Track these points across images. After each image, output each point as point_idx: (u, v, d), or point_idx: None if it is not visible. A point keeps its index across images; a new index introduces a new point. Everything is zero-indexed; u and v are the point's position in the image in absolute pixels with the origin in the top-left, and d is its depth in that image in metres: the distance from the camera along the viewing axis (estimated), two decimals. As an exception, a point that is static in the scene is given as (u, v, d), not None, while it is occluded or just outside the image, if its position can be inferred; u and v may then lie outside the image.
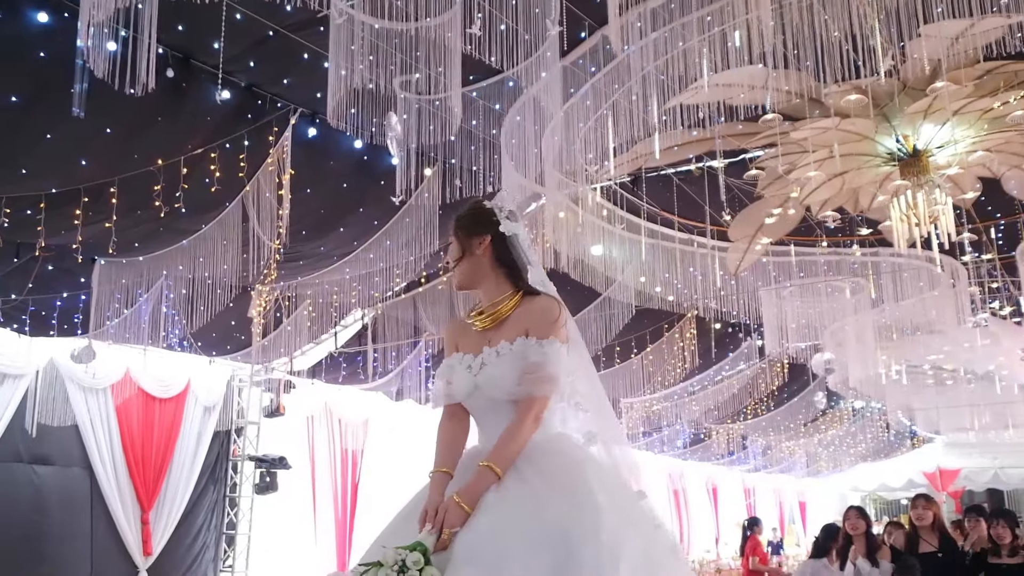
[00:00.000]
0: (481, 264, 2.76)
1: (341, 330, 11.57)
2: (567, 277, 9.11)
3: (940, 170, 8.05)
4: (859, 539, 6.73)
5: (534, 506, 2.38)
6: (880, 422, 22.27)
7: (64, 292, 9.06)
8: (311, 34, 6.45)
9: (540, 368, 2.58)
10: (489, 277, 2.77)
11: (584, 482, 2.45)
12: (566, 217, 8.59)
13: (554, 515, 2.34)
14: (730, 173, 8.66)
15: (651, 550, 2.43)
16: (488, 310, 2.76)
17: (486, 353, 2.68)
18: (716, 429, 19.42)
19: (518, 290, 2.76)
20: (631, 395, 14.16)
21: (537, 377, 2.57)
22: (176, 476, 11.88)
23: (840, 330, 12.80)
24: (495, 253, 2.76)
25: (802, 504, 29.32)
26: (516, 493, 2.43)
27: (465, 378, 2.71)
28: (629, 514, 2.49)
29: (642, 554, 2.37)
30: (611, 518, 2.35)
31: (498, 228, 2.75)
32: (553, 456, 2.57)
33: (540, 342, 2.61)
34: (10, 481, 10.24)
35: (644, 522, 2.54)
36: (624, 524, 2.39)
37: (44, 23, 5.86)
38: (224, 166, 7.31)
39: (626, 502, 2.56)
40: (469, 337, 2.78)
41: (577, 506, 2.36)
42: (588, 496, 2.39)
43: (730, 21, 5.84)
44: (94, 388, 10.92)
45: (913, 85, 7.20)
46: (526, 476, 2.48)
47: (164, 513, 11.73)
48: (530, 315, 2.68)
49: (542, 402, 2.60)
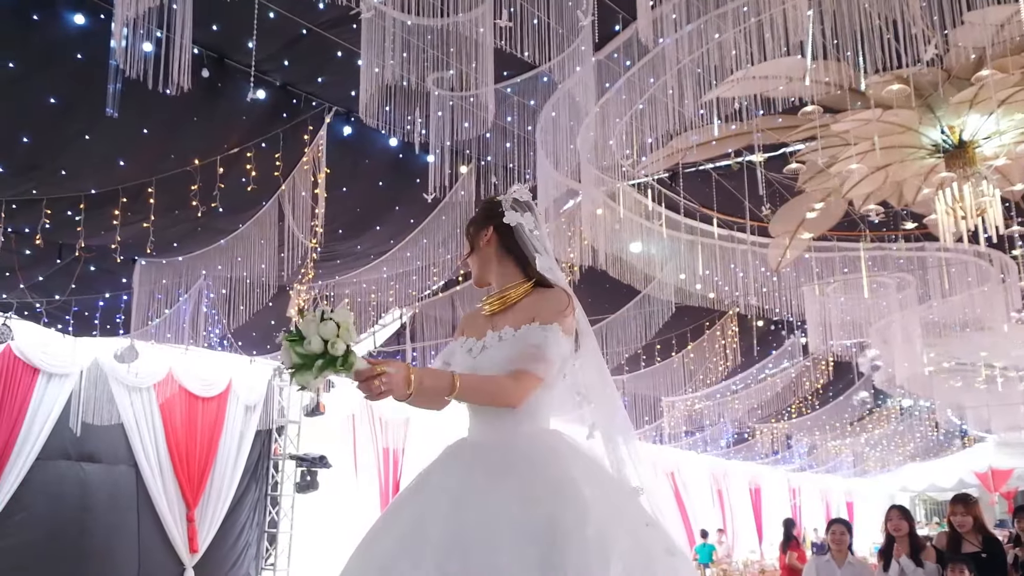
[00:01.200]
0: (488, 256, 2.80)
1: (380, 329, 11.59)
2: (605, 275, 9.04)
3: (987, 161, 7.83)
4: (902, 540, 6.56)
5: (520, 499, 2.34)
6: (929, 421, 21.83)
7: (106, 292, 9.17)
8: (344, 32, 6.44)
9: (537, 349, 2.56)
10: (497, 267, 2.79)
11: (571, 477, 2.41)
12: (604, 214, 8.50)
13: (541, 509, 2.30)
14: (770, 167, 8.50)
15: (643, 547, 2.37)
16: (496, 294, 2.79)
17: (489, 336, 2.68)
18: (760, 428, 19.18)
19: (528, 279, 2.76)
20: (672, 394, 14.03)
21: (532, 355, 2.56)
22: (220, 474, 12.01)
23: (886, 327, 12.55)
24: (500, 243, 2.78)
25: (849, 504, 28.91)
26: (503, 486, 2.39)
27: (464, 360, 2.71)
28: (620, 509, 2.44)
29: (633, 550, 2.32)
30: (599, 512, 2.31)
31: (501, 219, 2.76)
32: (542, 450, 2.54)
33: (542, 326, 2.59)
34: (58, 478, 10.42)
35: (636, 519, 2.48)
36: (613, 519, 2.34)
37: (81, 25, 5.93)
38: (260, 165, 7.34)
39: (618, 498, 2.51)
40: (476, 323, 2.80)
41: (563, 499, 2.32)
42: (574, 490, 2.36)
43: (767, 12, 5.71)
44: (138, 387, 11.08)
45: (958, 74, 6.99)
46: (518, 469, 2.45)
47: (209, 511, 11.85)
48: (539, 304, 2.67)
49: (530, 378, 2.56)
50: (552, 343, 2.57)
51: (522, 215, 2.76)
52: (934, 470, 28.30)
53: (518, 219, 2.75)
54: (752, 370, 15.04)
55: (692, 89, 6.66)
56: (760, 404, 16.40)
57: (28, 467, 10.05)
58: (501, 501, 2.34)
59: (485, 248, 2.79)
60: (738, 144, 8.26)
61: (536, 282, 2.74)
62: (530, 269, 2.75)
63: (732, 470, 23.00)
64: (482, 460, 2.53)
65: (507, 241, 2.76)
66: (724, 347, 13.05)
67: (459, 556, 2.25)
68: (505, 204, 2.77)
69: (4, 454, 9.86)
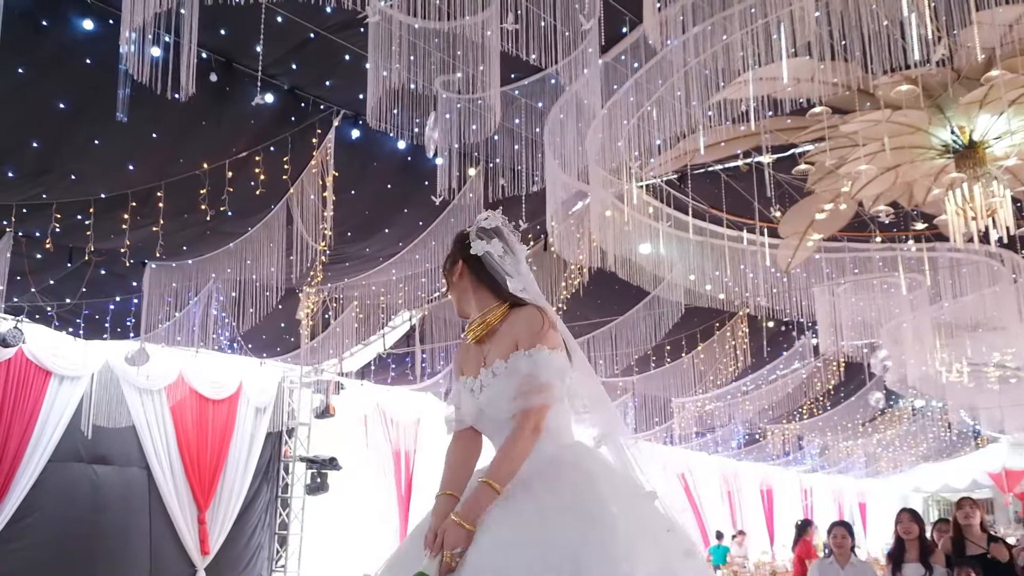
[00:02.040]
0: (464, 288, 2.85)
1: (389, 331, 11.61)
2: (615, 276, 9.03)
3: (997, 161, 7.79)
4: (912, 543, 6.53)
5: (540, 521, 2.35)
6: (942, 421, 21.72)
7: (116, 296, 9.22)
8: (352, 35, 6.46)
9: (532, 379, 2.57)
10: (473, 296, 2.83)
11: (597, 495, 2.41)
12: (612, 215, 8.49)
13: (562, 530, 2.30)
14: (779, 168, 8.47)
15: (667, 557, 2.38)
16: (476, 321, 2.81)
17: (483, 375, 2.70)
18: (771, 429, 19.12)
19: (503, 301, 2.78)
20: (682, 395, 14.00)
21: (529, 388, 2.57)
22: (231, 476, 12.06)
23: (897, 328, 12.50)
24: (472, 274, 2.82)
25: (862, 505, 28.79)
26: (522, 508, 2.41)
27: (470, 402, 2.74)
28: (643, 521, 2.44)
29: (658, 562, 2.32)
30: (625, 529, 2.31)
31: (469, 251, 2.81)
32: (565, 469, 2.54)
33: (528, 352, 2.61)
34: (70, 481, 10.47)
35: (658, 527, 2.49)
36: (638, 534, 2.34)
37: (89, 30, 5.96)
38: (268, 169, 7.37)
39: (640, 508, 2.50)
40: (470, 358, 2.82)
41: (588, 520, 2.32)
42: (600, 509, 2.36)
43: (773, 13, 5.70)
44: (149, 390, 11.13)
45: (967, 74, 6.96)
46: (535, 491, 2.45)
47: (220, 513, 11.89)
48: (515, 326, 2.70)
49: (538, 411, 2.57)
50: (543, 366, 2.58)
51: (488, 242, 2.79)
52: (947, 471, 28.15)
53: (484, 247, 2.79)
54: (763, 371, 14.99)
55: (700, 91, 6.65)
56: (771, 405, 16.35)
57: (40, 469, 10.11)
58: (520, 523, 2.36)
59: (459, 282, 2.85)
60: (747, 145, 8.24)
61: (511, 303, 2.77)
62: (504, 292, 2.78)
63: (743, 471, 22.94)
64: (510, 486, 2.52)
65: (477, 271, 2.81)
66: (734, 348, 13.01)
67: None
68: (472, 236, 2.82)
69: (17, 456, 9.92)
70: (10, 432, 9.90)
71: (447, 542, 2.37)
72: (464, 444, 2.77)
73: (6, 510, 9.80)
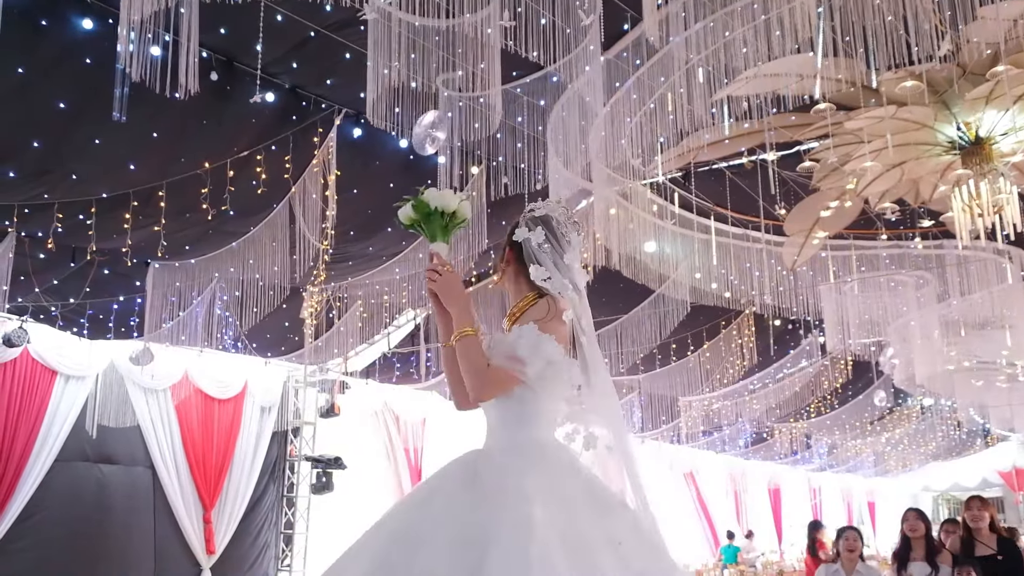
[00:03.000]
0: (510, 274, 2.93)
1: (394, 330, 11.59)
2: (619, 274, 8.99)
3: (1004, 158, 7.73)
4: (918, 542, 6.45)
5: (470, 506, 2.42)
6: (951, 420, 21.59)
7: (120, 295, 9.22)
8: (352, 34, 6.43)
9: (509, 347, 2.67)
10: (514, 282, 2.92)
11: (522, 491, 2.40)
12: (617, 214, 8.46)
13: (482, 518, 2.35)
14: (783, 165, 8.43)
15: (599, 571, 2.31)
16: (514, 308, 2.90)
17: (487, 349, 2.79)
18: (779, 428, 19.05)
19: (535, 291, 2.83)
20: (689, 393, 13.96)
21: (504, 352, 2.67)
22: (237, 475, 12.05)
23: (905, 326, 12.42)
24: (516, 261, 2.89)
25: (871, 504, 28.65)
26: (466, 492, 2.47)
27: None
28: (581, 532, 2.36)
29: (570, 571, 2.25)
30: (542, 532, 2.27)
31: (512, 237, 2.88)
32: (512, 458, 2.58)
33: (518, 327, 2.71)
34: (76, 480, 10.48)
35: (598, 540, 2.38)
36: (568, 544, 2.29)
37: (89, 30, 5.95)
38: (270, 168, 7.36)
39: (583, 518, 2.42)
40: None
41: (503, 514, 2.36)
42: (521, 506, 2.35)
43: (775, 9, 5.65)
44: (154, 389, 11.12)
45: (973, 70, 6.90)
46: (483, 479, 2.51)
47: (226, 512, 11.89)
48: (531, 311, 2.78)
49: (499, 371, 2.64)
50: (525, 343, 2.63)
51: (532, 230, 2.83)
52: (957, 469, 28.00)
53: (525, 235, 2.83)
54: (770, 369, 14.94)
55: (703, 88, 6.60)
56: (778, 404, 16.28)
57: (47, 469, 10.12)
58: (457, 502, 2.45)
59: (507, 269, 2.93)
60: (751, 143, 8.20)
61: (540, 293, 2.81)
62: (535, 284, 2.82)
63: (750, 470, 22.86)
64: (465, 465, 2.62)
65: (519, 257, 2.87)
66: (740, 346, 12.96)
67: (399, 542, 2.39)
68: (520, 223, 2.88)
69: (24, 456, 9.93)
70: (17, 432, 9.91)
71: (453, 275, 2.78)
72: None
73: (13, 509, 9.81)
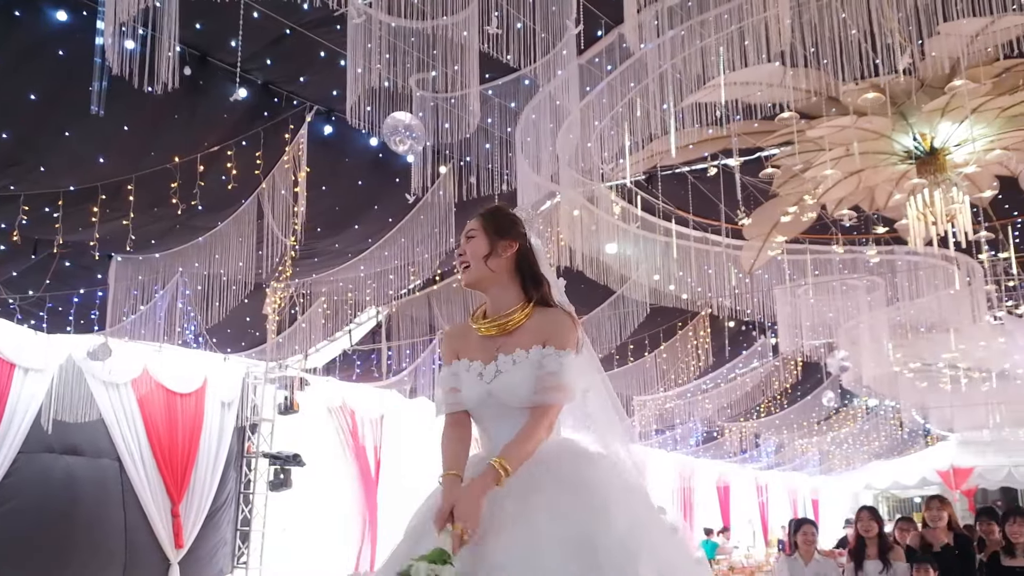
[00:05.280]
0: (501, 267, 2.76)
1: (355, 327, 11.59)
2: (581, 275, 9.10)
3: (957, 168, 8.01)
4: (872, 541, 6.71)
5: (552, 513, 2.41)
6: (894, 420, 22.18)
7: (81, 289, 9.10)
8: (328, 32, 6.46)
9: (556, 377, 2.60)
10: (503, 282, 2.77)
11: (597, 486, 2.50)
12: (581, 215, 8.58)
13: (575, 528, 2.37)
14: (746, 171, 8.62)
15: (667, 552, 2.47)
16: (495, 318, 2.76)
17: (501, 360, 2.69)
18: (729, 427, 19.39)
19: (529, 300, 2.76)
20: (644, 393, 14.15)
21: (554, 386, 2.59)
22: (204, 470, 11.94)
23: (854, 328, 12.76)
24: (517, 260, 2.78)
25: (815, 502, 29.26)
26: (534, 501, 2.46)
27: (476, 385, 2.71)
28: (640, 515, 2.52)
29: (659, 555, 2.40)
30: (624, 519, 2.39)
31: (525, 238, 2.80)
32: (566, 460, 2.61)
33: (558, 352, 2.63)
34: (43, 471, 10.29)
35: (661, 526, 2.59)
36: (636, 525, 2.42)
37: (63, 21, 5.90)
38: (240, 164, 7.34)
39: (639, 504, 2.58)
40: (472, 343, 2.79)
41: (594, 515, 2.40)
42: (601, 499, 2.44)
43: (747, 19, 5.82)
44: (115, 383, 10.97)
45: (931, 83, 7.16)
46: (541, 483, 2.51)
47: (194, 506, 11.78)
48: (548, 326, 2.70)
49: (555, 410, 2.64)
50: (568, 369, 2.61)
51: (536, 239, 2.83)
52: (898, 468, 28.71)
53: (536, 241, 2.81)
54: (723, 370, 15.20)
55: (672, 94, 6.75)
56: (730, 403, 16.59)
57: (10, 460, 9.91)
58: (536, 515, 2.41)
59: (503, 259, 2.76)
60: (715, 148, 8.38)
61: (537, 302, 2.76)
62: (532, 292, 2.76)
63: (700, 468, 23.21)
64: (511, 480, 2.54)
65: (523, 260, 2.78)
66: (696, 347, 13.19)
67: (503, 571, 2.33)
68: (528, 225, 2.83)
69: (-14, 448, 9.75)
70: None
71: (459, 513, 2.39)
72: (459, 429, 2.75)
73: (-22, 502, 9.65)
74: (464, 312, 10.67)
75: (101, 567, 10.70)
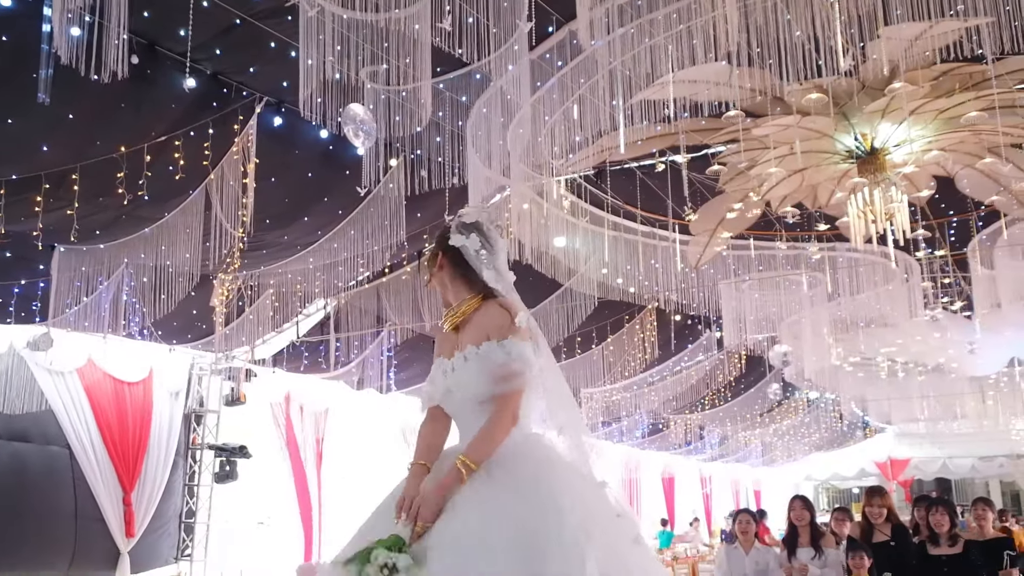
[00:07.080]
0: (442, 279, 3.02)
1: (303, 319, 11.54)
2: (530, 268, 9.17)
3: (896, 168, 8.24)
4: (803, 529, 6.90)
5: (501, 509, 2.51)
6: (834, 413, 22.69)
7: (22, 279, 8.93)
8: (279, 23, 6.42)
9: (504, 367, 2.74)
10: (451, 287, 3.01)
11: (549, 486, 2.59)
12: (530, 209, 8.65)
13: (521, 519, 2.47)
14: (693, 168, 8.76)
15: (615, 543, 2.60)
16: (447, 313, 3.02)
17: (456, 358, 2.86)
18: (674, 419, 19.66)
19: (477, 293, 2.95)
20: (591, 385, 14.30)
21: (503, 375, 2.74)
22: (155, 458, 11.78)
23: (796, 323, 13.05)
24: (450, 265, 2.98)
25: (757, 493, 29.79)
26: (486, 495, 2.57)
27: (440, 382, 2.90)
28: (592, 511, 2.61)
29: (607, 548, 2.52)
30: (574, 518, 2.49)
31: (448, 243, 2.97)
32: (522, 459, 2.71)
33: (500, 343, 2.78)
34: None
35: (607, 515, 2.69)
36: (587, 521, 2.51)
37: (6, 7, 5.79)
38: (188, 154, 7.26)
39: (590, 499, 2.68)
40: (445, 342, 2.98)
41: (541, 510, 2.50)
42: (551, 500, 2.53)
43: (696, 19, 5.92)
44: (60, 372, 10.76)
45: (872, 85, 7.35)
46: (496, 478, 2.62)
47: (145, 495, 11.62)
48: (484, 319, 2.87)
49: (514, 397, 2.75)
50: (514, 355, 2.75)
51: (467, 236, 2.94)
52: (837, 460, 29.38)
53: (462, 241, 2.94)
54: (668, 363, 15.41)
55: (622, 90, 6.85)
56: (675, 396, 16.83)
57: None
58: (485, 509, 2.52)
59: (439, 273, 3.02)
60: (663, 144, 8.51)
61: (485, 295, 2.94)
62: (478, 284, 2.94)
63: (646, 460, 23.49)
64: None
65: (455, 262, 2.97)
66: (643, 340, 13.36)
67: (442, 560, 2.44)
68: (452, 229, 2.98)
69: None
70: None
71: (421, 514, 2.55)
72: (434, 423, 2.93)
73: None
74: (413, 304, 10.71)
75: (50, 556, 10.51)
